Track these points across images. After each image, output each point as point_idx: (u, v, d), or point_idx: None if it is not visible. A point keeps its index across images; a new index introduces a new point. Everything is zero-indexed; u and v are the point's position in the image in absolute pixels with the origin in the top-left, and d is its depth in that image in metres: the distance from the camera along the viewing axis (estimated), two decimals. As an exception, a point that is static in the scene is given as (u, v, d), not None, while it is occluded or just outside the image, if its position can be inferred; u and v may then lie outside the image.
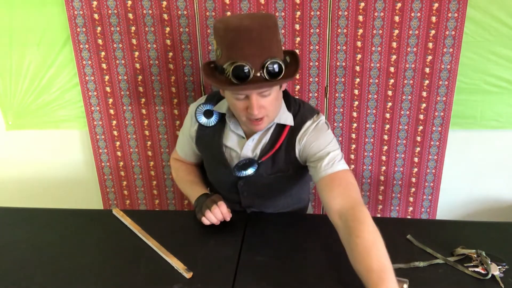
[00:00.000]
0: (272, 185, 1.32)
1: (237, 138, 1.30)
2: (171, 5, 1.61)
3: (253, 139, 1.28)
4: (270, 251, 1.16)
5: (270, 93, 1.12)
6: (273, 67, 1.07)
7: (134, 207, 1.98)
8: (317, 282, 1.05)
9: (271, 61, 1.06)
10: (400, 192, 1.86)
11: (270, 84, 1.08)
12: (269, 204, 1.38)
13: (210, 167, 1.40)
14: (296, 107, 1.28)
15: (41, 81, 1.78)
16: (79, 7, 1.62)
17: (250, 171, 1.26)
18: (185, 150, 1.44)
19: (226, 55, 1.08)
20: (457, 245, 1.15)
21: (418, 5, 1.54)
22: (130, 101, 1.77)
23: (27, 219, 1.34)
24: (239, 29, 1.05)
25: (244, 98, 1.12)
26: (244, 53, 1.06)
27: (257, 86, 1.08)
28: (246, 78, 1.06)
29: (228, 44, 1.07)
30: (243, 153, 1.28)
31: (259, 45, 1.06)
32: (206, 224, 1.22)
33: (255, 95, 1.10)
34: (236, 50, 1.06)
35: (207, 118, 1.30)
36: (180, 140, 1.46)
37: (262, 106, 1.12)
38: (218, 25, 1.09)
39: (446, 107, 1.68)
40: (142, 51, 1.69)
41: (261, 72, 1.07)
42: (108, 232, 1.27)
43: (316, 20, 1.60)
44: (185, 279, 1.06)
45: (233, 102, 1.15)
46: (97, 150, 1.86)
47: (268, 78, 1.07)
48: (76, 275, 1.09)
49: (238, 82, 1.06)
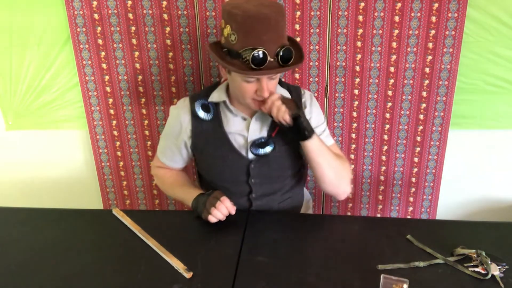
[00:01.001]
0: (283, 160, 1.35)
1: (240, 121, 1.33)
2: (171, 5, 1.61)
3: (256, 119, 1.32)
4: (270, 251, 1.16)
5: (277, 76, 1.22)
6: (286, 54, 1.16)
7: (134, 207, 1.98)
8: (317, 282, 1.05)
9: (285, 48, 1.15)
10: (400, 192, 1.86)
11: (284, 69, 1.17)
12: (277, 188, 1.38)
13: (214, 161, 1.36)
14: (285, 85, 1.39)
15: (41, 81, 1.78)
16: (79, 7, 1.62)
17: (268, 149, 1.31)
18: (171, 157, 1.42)
19: (243, 40, 1.13)
20: (457, 245, 1.15)
21: (418, 5, 1.54)
22: (130, 101, 1.77)
23: (27, 219, 1.34)
24: (258, 17, 1.11)
25: (254, 81, 1.20)
26: (262, 40, 1.12)
27: (273, 72, 1.16)
28: (263, 63, 1.13)
29: (247, 30, 1.13)
30: (250, 134, 1.31)
31: (275, 32, 1.14)
32: (213, 221, 1.22)
33: (265, 79, 1.18)
34: (255, 37, 1.12)
35: (205, 112, 1.32)
36: (164, 147, 1.43)
37: (270, 89, 1.21)
38: (235, 11, 1.13)
39: (446, 107, 1.68)
40: (142, 51, 1.69)
41: (275, 58, 1.15)
42: (108, 232, 1.27)
43: (316, 20, 1.60)
44: (185, 279, 1.06)
45: (241, 85, 1.21)
46: (97, 150, 1.86)
47: (281, 64, 1.16)
48: (76, 275, 1.09)
49: (255, 67, 1.13)
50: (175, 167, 1.46)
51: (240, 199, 1.36)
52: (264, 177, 1.35)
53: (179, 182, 1.43)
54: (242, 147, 1.32)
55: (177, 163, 1.44)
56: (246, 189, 1.36)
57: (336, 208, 1.94)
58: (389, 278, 1.00)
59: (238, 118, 1.33)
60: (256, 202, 1.38)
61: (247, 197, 1.38)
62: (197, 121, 1.32)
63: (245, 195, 1.37)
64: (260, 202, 1.38)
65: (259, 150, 1.30)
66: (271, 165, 1.34)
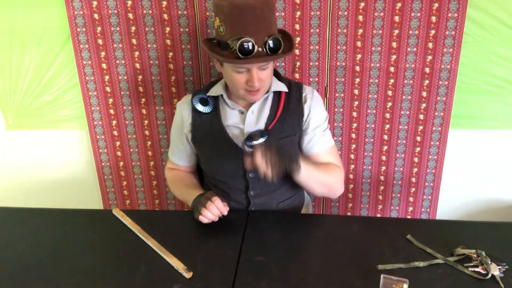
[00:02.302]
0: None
1: (236, 114, 1.36)
2: (171, 5, 1.61)
3: (253, 112, 1.35)
4: (270, 251, 1.16)
5: (268, 66, 1.23)
6: (274, 43, 1.18)
7: (134, 207, 1.98)
8: (317, 282, 1.05)
9: (272, 37, 1.18)
10: (400, 192, 1.86)
11: (271, 58, 1.20)
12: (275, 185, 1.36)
13: (213, 154, 1.39)
14: (285, 80, 1.40)
15: (41, 81, 1.78)
16: (79, 7, 1.62)
17: (261, 140, 1.31)
18: (178, 154, 1.45)
19: (231, 31, 1.17)
20: (457, 245, 1.15)
21: (418, 5, 1.54)
22: (130, 101, 1.77)
23: (27, 219, 1.34)
24: (244, 7, 1.15)
25: (244, 71, 1.22)
26: (249, 30, 1.15)
27: (261, 60, 1.18)
28: (250, 53, 1.16)
29: (234, 21, 1.16)
30: (246, 127, 1.33)
31: (262, 22, 1.17)
32: (204, 222, 1.22)
33: (255, 69, 1.21)
34: (242, 26, 1.16)
35: (203, 106, 1.35)
36: (173, 145, 1.47)
37: (260, 79, 1.23)
38: (222, 3, 1.16)
39: (446, 107, 1.68)
40: (142, 51, 1.69)
41: (263, 47, 1.18)
42: (108, 232, 1.27)
43: (316, 20, 1.60)
44: (185, 279, 1.06)
45: (233, 76, 1.23)
46: (97, 150, 1.86)
47: (270, 53, 1.18)
48: (76, 275, 1.09)
49: (243, 57, 1.15)
50: (183, 165, 1.48)
51: (238, 196, 1.38)
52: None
53: (185, 183, 1.43)
54: (239, 140, 1.34)
55: (184, 160, 1.46)
56: (243, 184, 1.37)
57: (336, 208, 1.94)
58: (389, 278, 1.00)
59: (235, 111, 1.36)
60: (254, 200, 1.38)
61: (245, 194, 1.38)
62: (196, 114, 1.36)
63: (243, 191, 1.38)
64: (259, 200, 1.38)
65: (252, 142, 1.30)
66: None
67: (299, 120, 1.36)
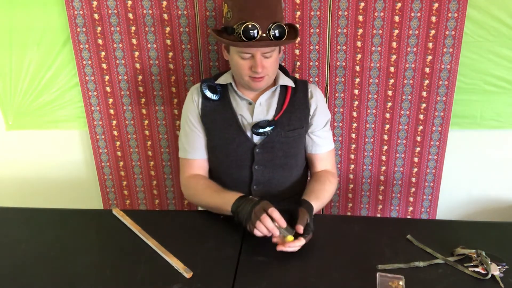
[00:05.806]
0: (288, 146, 1.39)
1: (245, 104, 1.39)
2: (171, 5, 1.61)
3: (260, 103, 1.39)
4: (270, 251, 1.16)
5: (272, 55, 1.28)
6: (278, 30, 1.23)
7: (134, 207, 1.98)
8: (317, 282, 1.05)
9: (277, 24, 1.23)
10: (400, 192, 1.86)
11: (274, 43, 1.25)
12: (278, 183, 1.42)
13: (221, 142, 1.39)
14: (292, 77, 1.45)
15: (41, 81, 1.78)
16: (79, 7, 1.62)
17: (268, 128, 1.34)
18: (194, 144, 1.41)
19: (237, 16, 1.23)
20: (457, 245, 1.15)
21: (418, 5, 1.54)
22: (130, 101, 1.77)
23: (27, 219, 1.34)
24: None
25: (249, 58, 1.27)
26: (253, 15, 1.21)
27: (263, 45, 1.23)
28: (254, 37, 1.21)
29: (240, 6, 1.23)
30: (255, 118, 1.37)
31: (267, 9, 1.23)
32: (258, 236, 1.14)
33: (259, 55, 1.25)
34: (247, 12, 1.22)
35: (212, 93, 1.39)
36: (185, 141, 1.43)
37: (264, 66, 1.27)
38: None
39: (446, 107, 1.68)
40: (142, 51, 1.69)
41: (267, 33, 1.23)
42: (108, 232, 1.27)
43: (316, 20, 1.60)
44: (185, 279, 1.06)
45: (238, 62, 1.28)
46: (97, 150, 1.86)
47: (273, 39, 1.23)
48: (76, 275, 1.09)
49: (247, 41, 1.21)
50: (201, 158, 1.42)
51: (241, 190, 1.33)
52: (267, 163, 1.38)
53: (213, 188, 1.36)
54: (247, 129, 1.37)
55: (201, 151, 1.42)
56: (248, 175, 1.39)
57: (336, 208, 1.94)
58: (385, 276, 1.00)
59: (244, 102, 1.40)
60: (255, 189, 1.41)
61: (248, 188, 1.40)
62: (206, 100, 1.39)
63: (246, 184, 1.40)
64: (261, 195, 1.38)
65: (259, 129, 1.33)
66: (275, 152, 1.38)
67: (306, 114, 1.40)
